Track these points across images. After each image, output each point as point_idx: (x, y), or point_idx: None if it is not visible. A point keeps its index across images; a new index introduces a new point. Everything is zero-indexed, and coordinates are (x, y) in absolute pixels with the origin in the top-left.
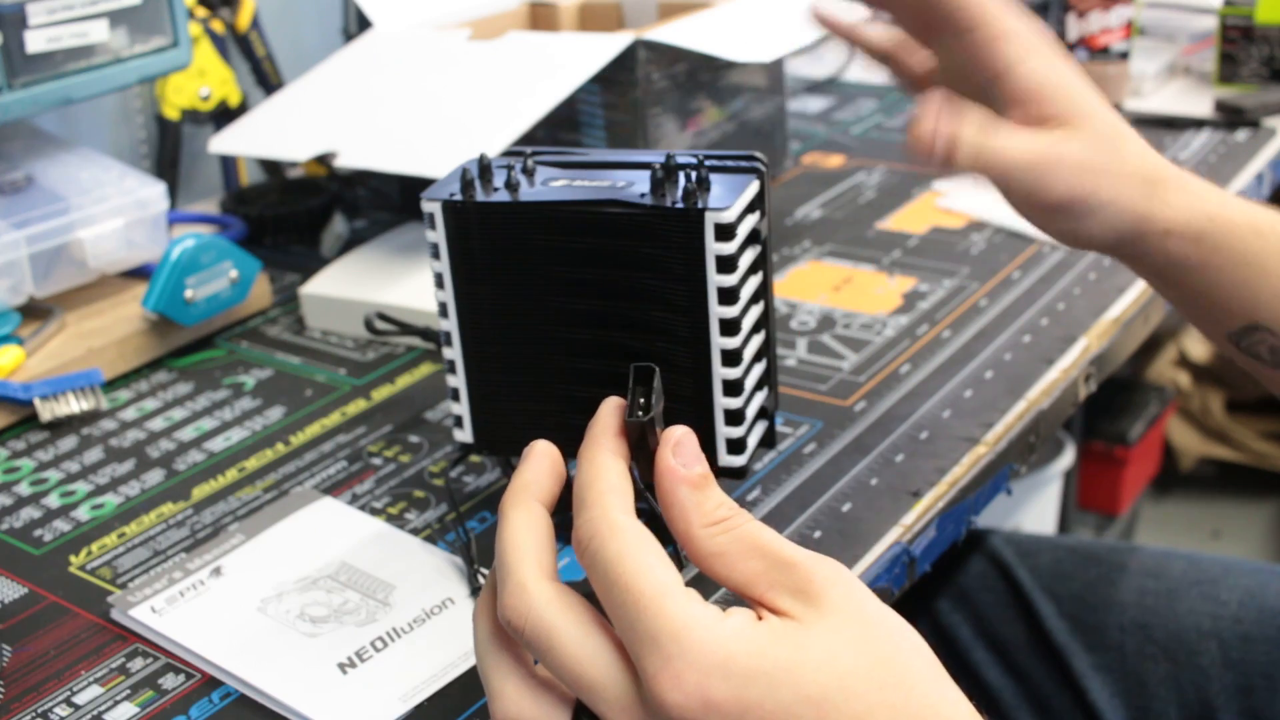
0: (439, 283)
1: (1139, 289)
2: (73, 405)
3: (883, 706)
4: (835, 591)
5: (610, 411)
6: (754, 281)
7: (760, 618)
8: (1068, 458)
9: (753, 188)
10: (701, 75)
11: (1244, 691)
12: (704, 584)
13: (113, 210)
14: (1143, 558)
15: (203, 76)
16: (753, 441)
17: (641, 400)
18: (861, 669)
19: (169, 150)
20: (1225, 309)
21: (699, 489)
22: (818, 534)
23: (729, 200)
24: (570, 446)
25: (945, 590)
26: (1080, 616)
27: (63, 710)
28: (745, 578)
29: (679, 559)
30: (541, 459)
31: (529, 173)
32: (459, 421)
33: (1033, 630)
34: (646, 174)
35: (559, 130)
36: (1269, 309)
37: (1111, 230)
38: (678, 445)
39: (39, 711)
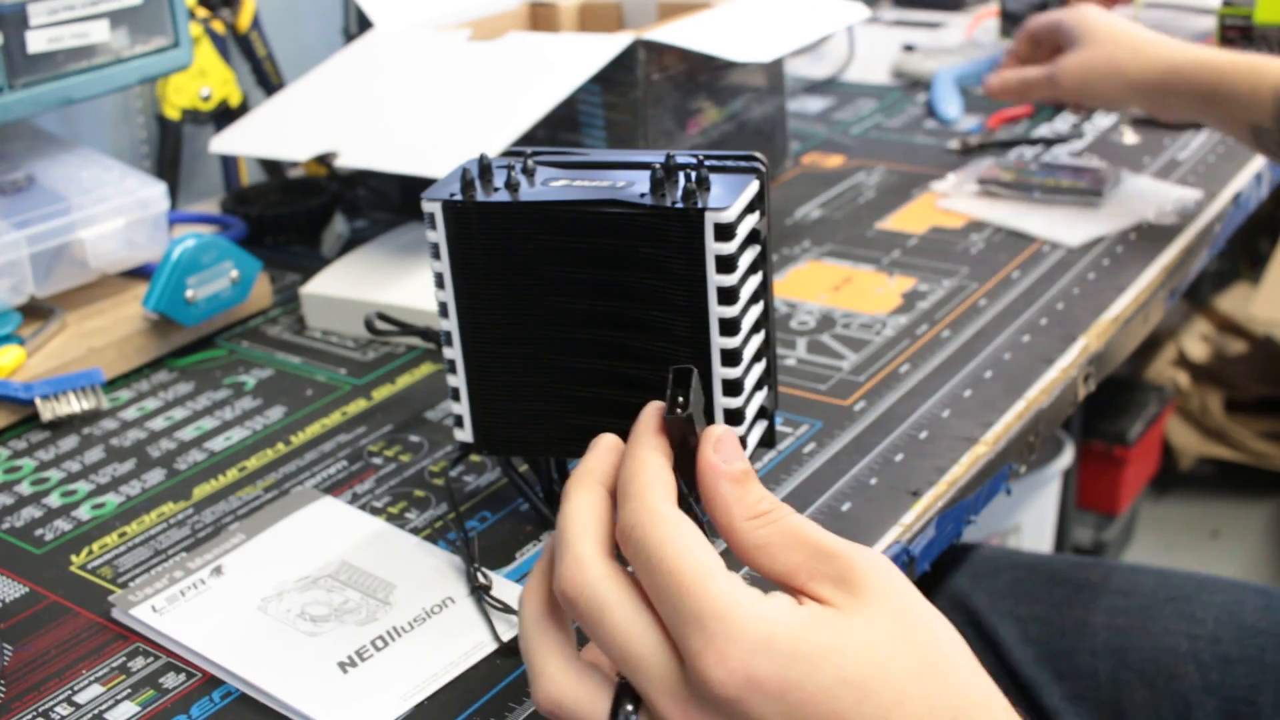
0: (439, 283)
1: (1138, 289)
2: (74, 405)
3: (918, 693)
4: (875, 580)
5: (651, 413)
6: (754, 281)
7: (801, 604)
8: (1067, 457)
9: (752, 188)
10: (701, 75)
11: (1228, 717)
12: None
13: (114, 210)
14: (1110, 573)
15: (203, 77)
16: (752, 441)
17: (680, 400)
18: (900, 656)
19: (170, 150)
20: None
21: (740, 484)
22: None
23: (729, 200)
24: (570, 446)
25: None
26: (1048, 642)
27: (64, 709)
28: (787, 568)
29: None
30: (610, 451)
31: (529, 173)
32: (459, 421)
33: (997, 661)
34: (646, 174)
35: (559, 130)
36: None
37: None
38: (719, 442)
39: (40, 710)
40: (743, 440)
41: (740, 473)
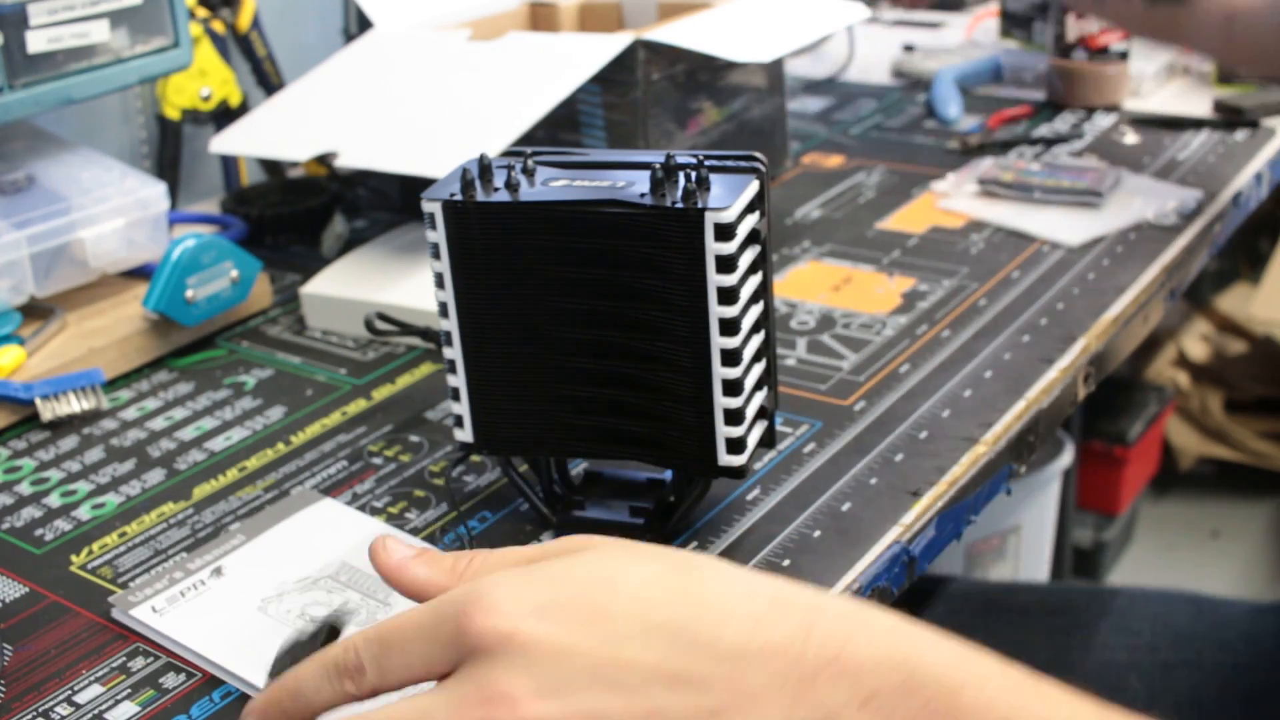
0: (439, 283)
1: (1138, 289)
2: (74, 405)
3: (663, 577)
4: (598, 540)
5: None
6: (753, 281)
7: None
8: (1067, 457)
9: (752, 188)
10: (701, 75)
11: None
12: None
13: (114, 210)
14: (1043, 596)
15: (203, 77)
16: (752, 441)
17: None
18: (640, 551)
19: (170, 150)
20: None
21: (428, 558)
22: (817, 533)
23: (729, 200)
24: (570, 446)
25: None
26: None
27: (64, 709)
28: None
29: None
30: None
31: (529, 173)
32: (459, 421)
33: None
34: (646, 174)
35: (559, 130)
36: None
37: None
38: (385, 543)
39: (40, 710)
40: (743, 440)
41: (420, 552)
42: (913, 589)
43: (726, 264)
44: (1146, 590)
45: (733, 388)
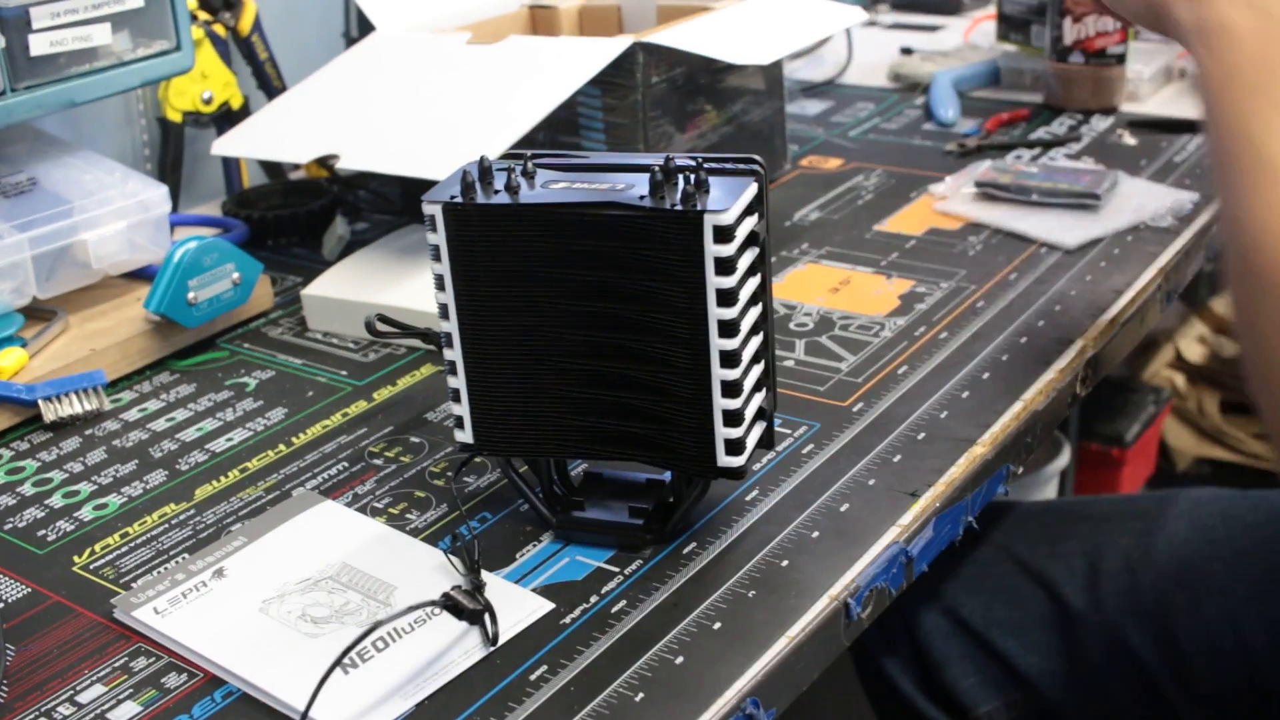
0: (440, 285)
1: (1135, 290)
2: (76, 406)
3: None
4: None
5: None
6: (752, 283)
7: None
8: (1064, 458)
9: (751, 190)
10: (700, 78)
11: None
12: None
13: (115, 213)
14: (1115, 504)
15: (205, 80)
16: (751, 442)
17: None
18: None
19: (171, 153)
20: None
21: None
22: (815, 534)
23: (727, 202)
24: (570, 447)
25: (952, 578)
26: (1087, 573)
27: (66, 709)
28: None
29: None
30: None
31: (529, 175)
32: (460, 422)
33: (1050, 598)
34: (646, 176)
35: (559, 133)
36: None
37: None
38: None
39: (43, 710)
40: (742, 441)
41: None
42: (996, 517)
43: (725, 266)
44: (1204, 492)
45: (731, 389)
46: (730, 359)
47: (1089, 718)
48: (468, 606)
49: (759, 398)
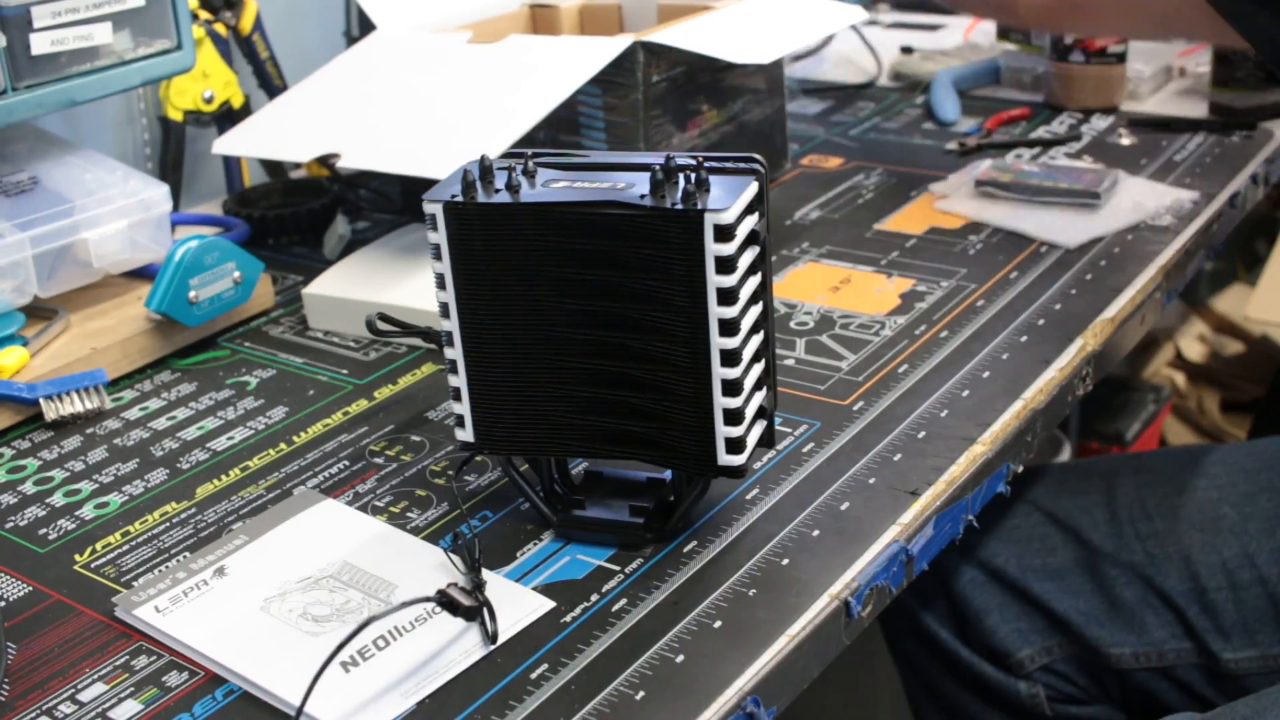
0: (440, 283)
1: (1135, 289)
2: (77, 405)
3: None
4: None
5: None
6: (753, 282)
7: None
8: (1064, 457)
9: (751, 189)
10: (701, 77)
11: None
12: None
13: (117, 211)
14: (1153, 458)
15: (206, 79)
16: (751, 441)
17: None
18: None
19: (172, 152)
20: None
21: None
22: (816, 533)
23: (728, 201)
24: (571, 446)
25: (987, 536)
26: (1112, 522)
27: (67, 707)
28: None
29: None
30: None
31: (530, 174)
32: (460, 421)
33: (1080, 547)
34: (646, 175)
35: (559, 132)
36: None
37: None
38: None
39: (44, 708)
40: (742, 440)
41: None
42: (1017, 479)
43: (726, 265)
44: (1203, 447)
45: (732, 388)
46: (731, 357)
47: (1128, 653)
48: (463, 603)
49: (759, 396)
